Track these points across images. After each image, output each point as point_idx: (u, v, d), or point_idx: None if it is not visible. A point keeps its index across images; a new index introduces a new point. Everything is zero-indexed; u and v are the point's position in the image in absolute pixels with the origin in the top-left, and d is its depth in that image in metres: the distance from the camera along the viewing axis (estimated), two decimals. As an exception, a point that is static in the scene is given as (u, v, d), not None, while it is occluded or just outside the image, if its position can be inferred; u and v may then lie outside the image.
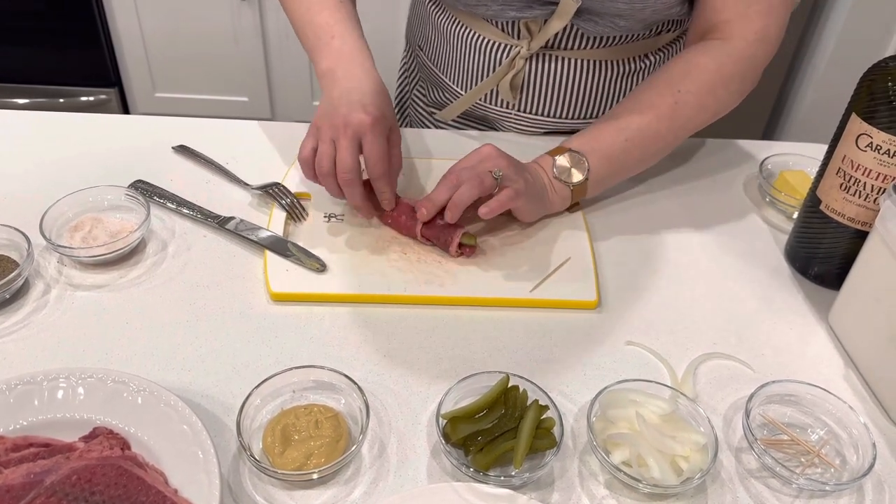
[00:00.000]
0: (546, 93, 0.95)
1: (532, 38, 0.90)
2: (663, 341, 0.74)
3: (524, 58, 0.92)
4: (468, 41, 0.95)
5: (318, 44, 0.85)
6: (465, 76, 0.98)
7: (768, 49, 0.87)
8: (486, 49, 0.94)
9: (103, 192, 0.83)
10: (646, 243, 0.86)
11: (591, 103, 0.97)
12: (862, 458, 0.63)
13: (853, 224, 0.76)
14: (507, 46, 0.93)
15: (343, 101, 0.78)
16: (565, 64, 0.92)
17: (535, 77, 0.94)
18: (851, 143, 0.73)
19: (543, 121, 0.98)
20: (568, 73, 0.93)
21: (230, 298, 0.76)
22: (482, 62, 0.95)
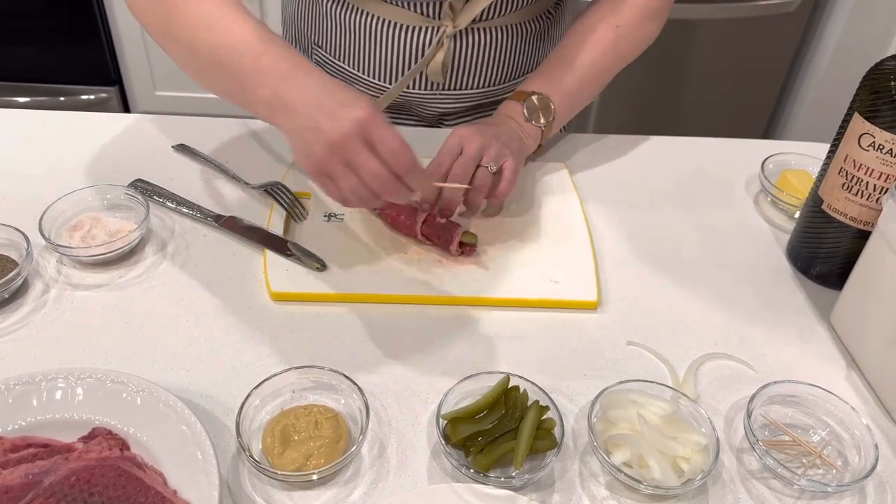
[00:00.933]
0: (472, 66, 0.94)
1: (455, 16, 0.89)
2: (664, 341, 0.74)
3: (450, 36, 0.90)
4: (385, 32, 0.91)
5: (240, 70, 0.68)
6: (386, 68, 0.94)
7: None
8: (406, 36, 0.91)
9: (102, 192, 0.83)
10: (647, 243, 0.86)
11: (512, 68, 0.97)
12: (864, 460, 0.62)
13: (855, 224, 0.76)
14: (429, 29, 0.90)
15: (321, 119, 0.64)
16: (488, 34, 0.92)
17: (462, 53, 0.93)
18: (854, 143, 0.73)
19: (470, 94, 0.97)
20: (491, 43, 0.93)
21: (230, 298, 0.76)
22: (404, 50, 0.92)
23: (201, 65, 0.72)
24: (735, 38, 2.16)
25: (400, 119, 1.04)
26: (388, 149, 0.63)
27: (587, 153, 0.99)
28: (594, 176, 0.95)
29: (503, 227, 0.85)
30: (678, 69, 2.23)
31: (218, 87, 0.73)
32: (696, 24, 2.14)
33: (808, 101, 2.25)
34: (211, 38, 0.70)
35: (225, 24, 0.69)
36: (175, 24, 0.72)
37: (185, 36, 0.72)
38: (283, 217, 0.84)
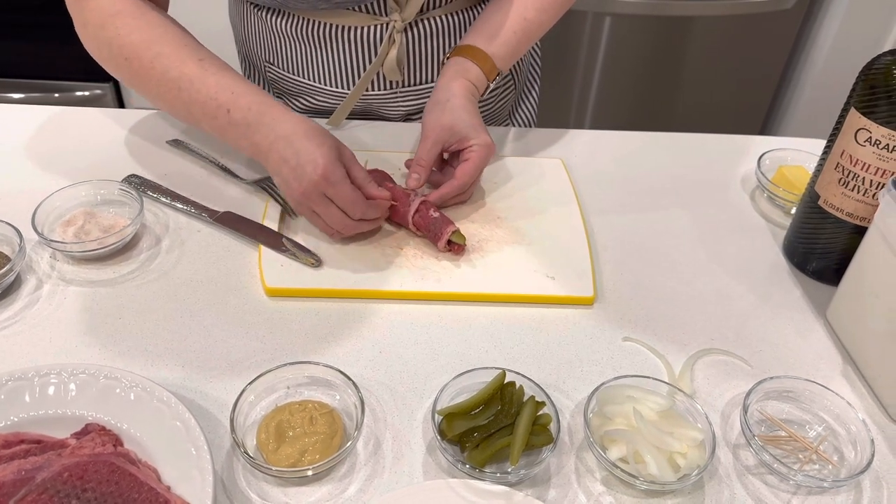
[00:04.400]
0: (427, 58, 0.94)
1: (402, 9, 0.89)
2: (661, 337, 0.74)
3: (400, 31, 0.90)
4: (335, 37, 0.90)
5: (217, 125, 0.77)
6: (341, 73, 0.94)
7: None
8: (357, 38, 0.90)
9: (96, 187, 0.82)
10: (643, 239, 0.86)
11: None
12: (860, 455, 0.62)
13: (852, 219, 0.76)
14: (378, 27, 0.90)
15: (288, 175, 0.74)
16: (438, 23, 0.92)
17: (415, 46, 0.93)
18: (850, 138, 0.73)
19: (430, 87, 0.96)
20: (441, 32, 0.93)
21: (224, 293, 0.75)
22: (357, 52, 0.92)
23: (180, 115, 0.82)
24: (732, 35, 2.16)
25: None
26: (343, 202, 0.74)
27: (584, 149, 0.99)
28: (591, 172, 0.95)
29: (499, 222, 0.84)
30: (675, 65, 2.23)
31: (203, 129, 0.81)
32: (693, 20, 2.14)
33: (804, 97, 2.25)
34: (182, 97, 0.78)
35: (190, 82, 0.77)
36: (145, 83, 0.80)
37: (158, 94, 0.80)
38: (277, 212, 0.83)
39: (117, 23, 0.79)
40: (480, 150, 0.82)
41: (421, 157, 0.83)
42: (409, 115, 1.01)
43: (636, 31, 2.12)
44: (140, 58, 0.78)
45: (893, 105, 0.69)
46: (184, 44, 0.79)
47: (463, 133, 0.82)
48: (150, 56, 0.78)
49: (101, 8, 0.80)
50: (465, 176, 0.82)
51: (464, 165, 0.82)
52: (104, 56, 0.82)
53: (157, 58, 0.78)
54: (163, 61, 0.78)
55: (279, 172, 0.76)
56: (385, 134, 0.98)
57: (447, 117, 0.83)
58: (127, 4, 0.80)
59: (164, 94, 0.79)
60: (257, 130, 0.75)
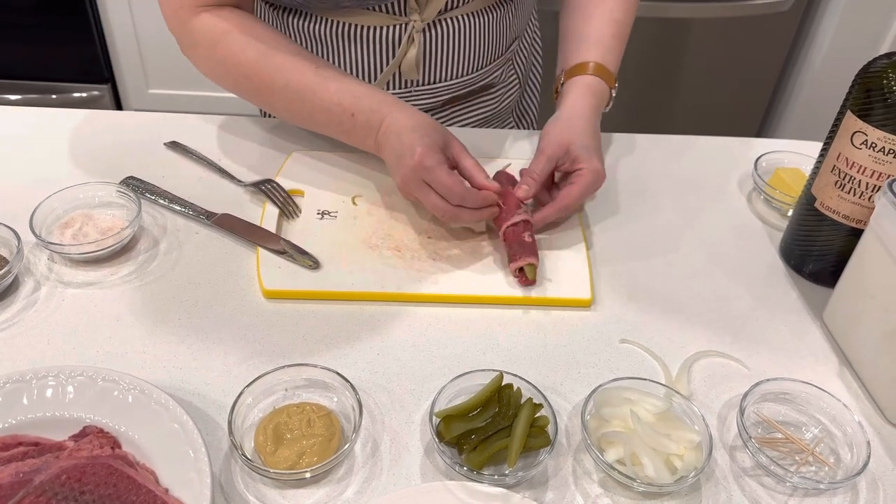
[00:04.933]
0: (445, 58, 0.94)
1: (422, 9, 0.89)
2: (658, 339, 0.74)
3: (419, 31, 0.90)
4: (355, 37, 0.91)
5: (343, 129, 0.83)
6: (361, 73, 0.94)
7: None
8: (377, 38, 0.90)
9: (94, 189, 0.82)
10: (640, 241, 0.86)
11: (482, 55, 0.97)
12: (856, 457, 0.63)
13: (848, 222, 0.76)
14: (397, 27, 0.90)
15: (395, 165, 0.79)
16: (457, 23, 0.92)
17: (433, 46, 0.93)
18: (847, 141, 0.73)
19: (445, 86, 0.97)
20: (460, 32, 0.93)
21: (222, 296, 0.75)
22: (376, 52, 0.92)
23: (304, 122, 0.87)
24: (729, 37, 2.17)
25: None
26: (439, 186, 0.76)
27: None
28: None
29: (497, 224, 0.84)
30: (673, 68, 2.23)
31: (325, 133, 0.87)
32: (691, 22, 2.14)
33: (801, 99, 2.26)
34: (306, 107, 0.83)
35: (312, 91, 0.82)
36: (267, 97, 0.85)
37: (281, 105, 0.85)
38: (275, 214, 0.83)
39: (229, 40, 0.82)
40: (588, 176, 0.81)
41: (533, 171, 0.82)
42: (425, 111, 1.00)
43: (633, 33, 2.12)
44: (259, 74, 0.82)
45: (889, 108, 0.69)
46: (296, 53, 0.83)
47: (575, 154, 0.82)
48: (270, 71, 0.82)
49: (209, 28, 0.83)
50: (567, 199, 0.81)
51: (569, 189, 0.81)
52: (219, 74, 0.86)
53: (276, 72, 0.82)
54: (283, 75, 0.82)
55: (389, 164, 0.80)
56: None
57: (566, 136, 0.83)
58: (233, 22, 0.83)
59: (288, 105, 0.84)
60: (379, 129, 0.80)
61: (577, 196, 0.81)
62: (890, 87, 0.69)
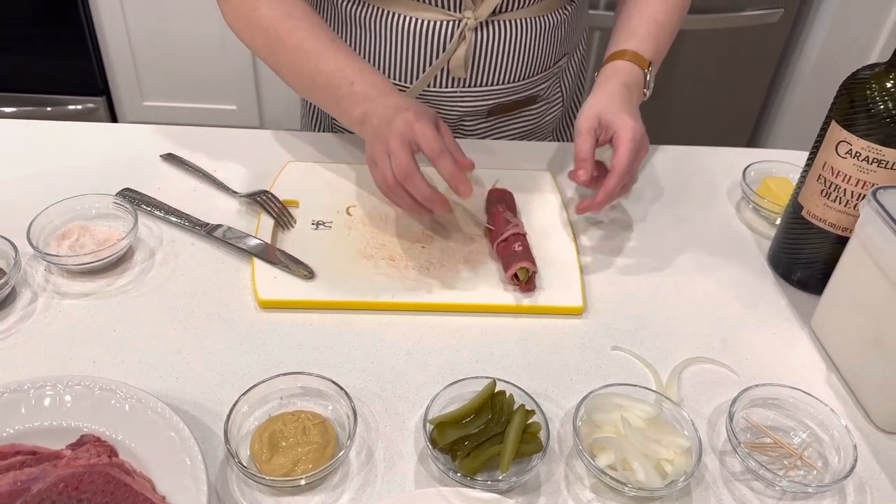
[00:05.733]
0: (494, 60, 0.96)
1: (476, 7, 0.91)
2: (648, 346, 0.75)
3: (471, 28, 0.92)
4: (407, 29, 0.93)
5: (338, 94, 0.84)
6: (410, 67, 0.96)
7: None
8: (429, 31, 0.93)
9: (91, 201, 0.83)
10: (631, 250, 0.87)
11: (533, 62, 0.99)
12: (843, 461, 0.64)
13: (834, 230, 0.77)
14: (450, 23, 0.92)
15: (384, 122, 0.79)
16: (509, 26, 0.94)
17: (484, 47, 0.94)
18: (832, 151, 0.74)
19: (492, 90, 0.98)
20: (512, 35, 0.94)
21: (218, 306, 0.76)
22: (427, 47, 0.94)
23: (303, 84, 0.88)
24: (721, 48, 2.19)
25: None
26: (420, 139, 0.76)
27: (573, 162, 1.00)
28: (579, 184, 0.96)
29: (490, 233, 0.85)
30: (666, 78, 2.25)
31: (315, 100, 0.89)
32: (684, 34, 2.16)
33: (792, 108, 2.28)
34: (310, 66, 0.85)
35: (320, 54, 0.85)
36: (277, 53, 0.88)
37: (287, 62, 0.88)
38: (270, 225, 0.84)
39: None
40: (625, 135, 0.81)
41: (579, 151, 0.82)
42: (463, 118, 1.02)
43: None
44: (277, 29, 0.87)
45: (872, 118, 0.71)
46: (317, 23, 0.88)
47: (608, 119, 0.83)
48: (288, 28, 0.86)
49: None
50: (620, 165, 0.81)
51: (616, 155, 0.82)
52: (242, 27, 0.90)
53: (293, 30, 0.86)
54: (299, 34, 0.86)
55: (373, 127, 0.80)
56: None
57: (595, 108, 0.84)
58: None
59: (295, 62, 0.87)
60: (373, 101, 0.82)
61: (625, 158, 0.81)
62: (873, 98, 0.71)
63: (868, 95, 0.71)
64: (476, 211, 0.88)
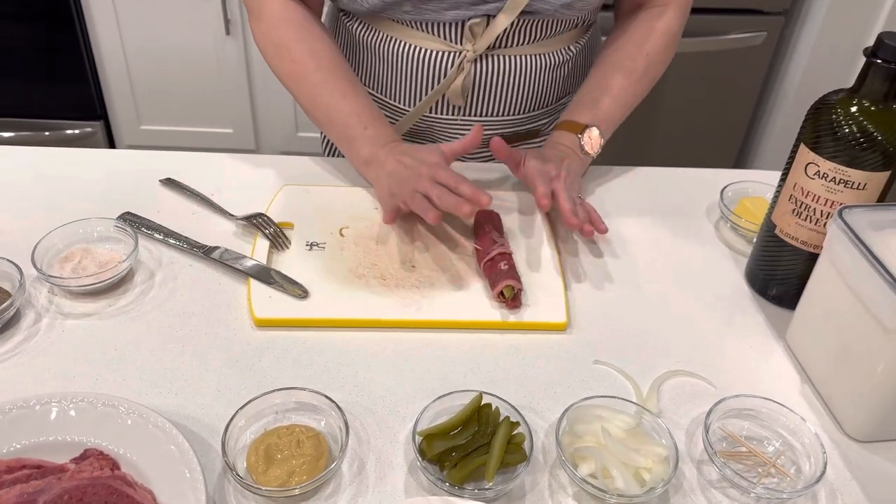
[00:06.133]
0: (491, 92, 1.00)
1: (476, 40, 0.95)
2: (630, 360, 0.78)
3: (471, 60, 0.97)
4: (411, 56, 0.98)
5: (351, 134, 0.93)
6: (411, 92, 1.02)
7: (687, 12, 1.06)
8: (430, 61, 0.98)
9: (93, 224, 0.86)
10: (613, 267, 0.90)
11: (530, 99, 1.03)
12: (814, 468, 0.66)
13: (806, 247, 0.81)
14: (451, 53, 0.97)
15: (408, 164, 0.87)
16: (508, 61, 0.98)
17: (482, 79, 0.99)
18: (801, 172, 0.78)
19: (489, 122, 1.03)
20: (509, 71, 0.99)
21: (216, 325, 0.79)
22: (427, 74, 0.99)
23: (318, 117, 0.96)
24: (707, 71, 2.24)
25: None
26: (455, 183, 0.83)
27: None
28: (564, 204, 1.00)
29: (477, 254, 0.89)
30: (655, 101, 2.30)
31: (326, 132, 0.97)
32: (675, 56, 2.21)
33: (776, 129, 2.33)
34: (330, 102, 0.94)
35: (342, 93, 0.94)
36: (300, 85, 0.96)
37: (309, 95, 0.95)
38: (266, 247, 0.87)
39: (290, 28, 0.96)
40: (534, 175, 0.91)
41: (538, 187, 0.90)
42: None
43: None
44: (303, 63, 0.95)
45: (839, 141, 0.74)
46: (340, 63, 0.96)
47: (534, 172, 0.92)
48: (313, 66, 0.94)
49: (278, 11, 0.96)
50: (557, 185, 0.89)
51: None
52: (270, 52, 0.97)
53: (317, 69, 0.94)
54: (322, 73, 0.94)
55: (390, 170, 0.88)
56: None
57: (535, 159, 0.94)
58: (298, 14, 0.96)
59: (316, 96, 0.95)
60: (382, 147, 0.91)
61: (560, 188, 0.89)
62: (838, 122, 0.75)
63: (834, 120, 0.75)
64: (463, 231, 0.92)
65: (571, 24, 1.01)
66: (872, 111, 0.74)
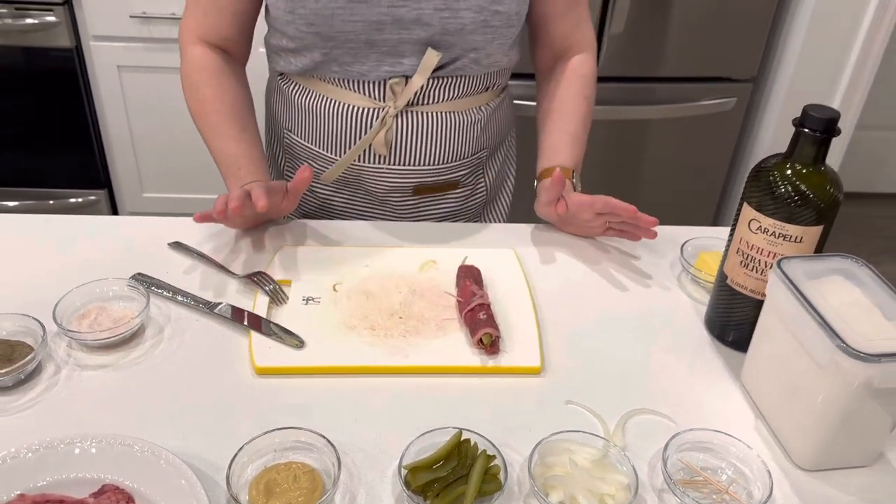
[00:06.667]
0: (413, 145, 1.13)
1: (396, 98, 1.09)
2: (599, 400, 0.86)
3: (393, 115, 1.10)
4: (341, 113, 1.11)
5: (228, 172, 1.10)
6: (341, 143, 1.14)
7: (595, 50, 1.23)
8: (357, 116, 1.11)
9: (108, 284, 0.94)
10: (585, 316, 0.98)
11: (449, 152, 1.16)
12: (762, 492, 0.74)
13: (755, 295, 0.89)
14: (375, 109, 1.10)
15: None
16: (426, 117, 1.12)
17: (403, 132, 1.12)
18: (746, 227, 0.87)
19: (412, 171, 1.15)
20: (429, 125, 1.12)
21: (220, 373, 0.87)
22: (355, 128, 1.12)
23: (211, 151, 1.13)
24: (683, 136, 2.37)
25: (356, 195, 1.20)
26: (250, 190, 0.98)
27: (536, 240, 1.13)
28: (541, 259, 1.09)
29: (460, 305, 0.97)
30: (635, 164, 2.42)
31: (215, 163, 1.12)
32: (648, 123, 2.34)
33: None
34: (218, 143, 1.11)
35: (230, 137, 1.11)
36: (200, 121, 1.14)
37: (205, 131, 1.13)
38: (266, 302, 0.96)
39: (204, 73, 1.12)
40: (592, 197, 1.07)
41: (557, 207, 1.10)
42: (391, 191, 1.18)
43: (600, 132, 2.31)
44: (207, 104, 1.12)
45: (776, 199, 0.84)
46: (238, 112, 1.13)
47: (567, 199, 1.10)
48: (213, 108, 1.12)
49: (198, 57, 1.13)
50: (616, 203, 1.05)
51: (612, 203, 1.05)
52: (186, 88, 1.14)
53: (216, 112, 1.11)
54: (219, 116, 1.11)
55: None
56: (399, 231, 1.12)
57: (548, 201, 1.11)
58: (215, 62, 1.13)
59: (210, 134, 1.12)
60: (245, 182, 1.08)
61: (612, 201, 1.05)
62: (776, 183, 0.84)
63: (771, 181, 0.85)
64: (447, 285, 1.00)
65: (482, 87, 1.15)
66: (804, 173, 0.83)
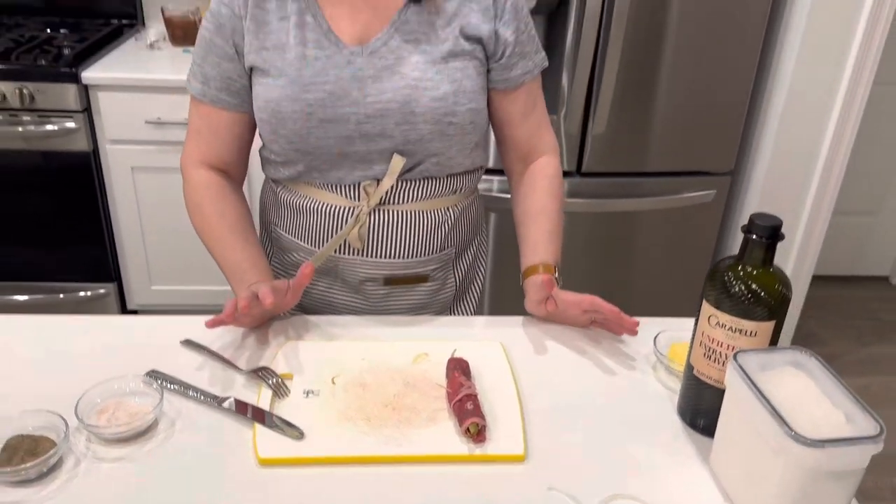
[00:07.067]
0: (384, 240, 1.25)
1: (369, 198, 1.21)
2: (579, 485, 0.92)
3: (366, 213, 1.22)
4: (321, 211, 1.24)
5: (234, 277, 1.21)
6: (321, 237, 1.26)
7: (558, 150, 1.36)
8: (335, 213, 1.23)
9: (125, 381, 1.02)
10: (566, 406, 1.06)
11: (420, 247, 1.26)
12: (726, 570, 0.80)
13: (719, 385, 0.97)
14: (351, 208, 1.22)
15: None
16: (397, 215, 1.24)
17: (376, 228, 1.24)
18: (706, 322, 0.96)
19: (385, 263, 1.26)
20: (399, 223, 1.24)
21: (226, 464, 0.94)
22: (333, 224, 1.24)
23: (216, 260, 1.24)
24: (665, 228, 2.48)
25: (335, 284, 1.31)
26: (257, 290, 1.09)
27: (524, 332, 1.22)
28: (527, 349, 1.17)
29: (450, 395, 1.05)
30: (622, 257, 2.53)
31: (221, 269, 1.24)
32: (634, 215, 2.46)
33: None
34: (224, 253, 1.24)
35: (232, 248, 1.23)
36: (205, 235, 1.26)
37: (210, 243, 1.25)
38: (269, 395, 1.03)
39: (207, 193, 1.25)
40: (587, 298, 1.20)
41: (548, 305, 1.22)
42: (365, 280, 1.28)
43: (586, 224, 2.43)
44: (211, 221, 1.25)
45: (731, 297, 0.93)
46: (240, 224, 1.25)
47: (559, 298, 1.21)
48: (217, 223, 1.24)
49: (201, 180, 1.26)
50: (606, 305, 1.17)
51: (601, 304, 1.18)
52: (190, 208, 1.26)
53: (219, 226, 1.24)
54: (222, 231, 1.24)
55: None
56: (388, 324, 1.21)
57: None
58: (215, 182, 1.26)
59: (215, 246, 1.24)
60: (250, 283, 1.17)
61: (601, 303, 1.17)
62: (730, 283, 0.94)
63: (726, 281, 0.94)
64: (439, 376, 1.08)
65: (449, 190, 1.26)
66: (755, 274, 0.93)
